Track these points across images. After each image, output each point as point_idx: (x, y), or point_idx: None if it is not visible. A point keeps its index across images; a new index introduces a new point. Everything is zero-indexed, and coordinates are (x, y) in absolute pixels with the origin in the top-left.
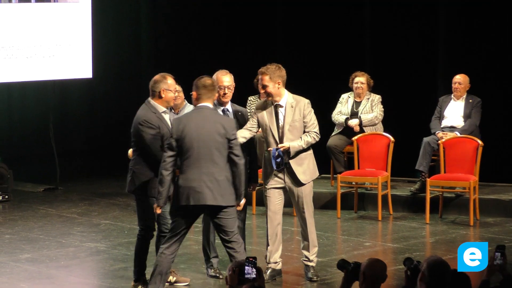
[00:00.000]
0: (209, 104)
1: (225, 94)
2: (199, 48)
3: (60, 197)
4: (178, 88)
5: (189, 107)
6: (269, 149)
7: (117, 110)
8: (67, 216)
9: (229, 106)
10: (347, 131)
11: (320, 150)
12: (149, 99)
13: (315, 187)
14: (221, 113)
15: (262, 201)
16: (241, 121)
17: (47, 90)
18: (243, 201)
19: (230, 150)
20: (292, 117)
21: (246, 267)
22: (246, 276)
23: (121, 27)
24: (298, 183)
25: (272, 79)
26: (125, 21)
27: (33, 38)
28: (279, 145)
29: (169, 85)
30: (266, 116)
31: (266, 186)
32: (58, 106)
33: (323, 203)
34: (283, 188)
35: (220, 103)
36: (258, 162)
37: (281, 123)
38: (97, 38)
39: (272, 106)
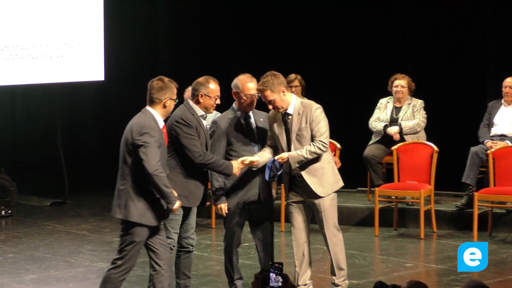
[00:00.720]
0: (150, 108)
1: (252, 103)
2: (222, 49)
3: (69, 212)
4: None
5: (211, 116)
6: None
7: (132, 116)
8: (76, 233)
9: (251, 113)
10: (386, 140)
11: (357, 160)
12: (188, 100)
13: (350, 202)
14: (242, 121)
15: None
16: (264, 128)
17: (54, 94)
18: (176, 205)
19: (137, 154)
20: (298, 125)
21: (271, 274)
22: (271, 284)
23: (136, 24)
24: (315, 196)
25: (274, 91)
26: (141, 18)
27: (39, 37)
28: (276, 156)
29: (209, 91)
30: (276, 127)
31: (287, 201)
32: (67, 112)
33: (360, 219)
34: (304, 202)
35: (242, 110)
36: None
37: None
38: (110, 37)
39: (281, 116)
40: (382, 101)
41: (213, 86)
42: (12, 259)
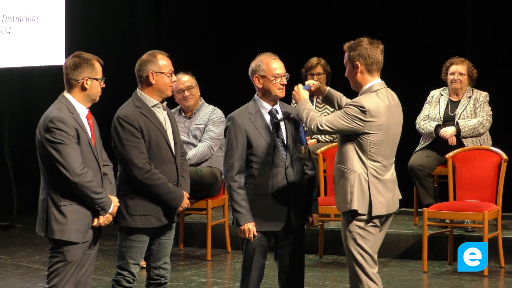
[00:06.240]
0: (68, 94)
1: (283, 85)
2: (222, 29)
3: (18, 239)
4: (189, 82)
5: (206, 108)
6: None
7: (101, 111)
8: (28, 267)
9: (278, 106)
10: (439, 145)
11: (399, 172)
12: (137, 89)
13: (391, 227)
14: (267, 116)
15: None
16: (295, 126)
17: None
18: (112, 208)
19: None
20: None
21: None
22: None
23: None
24: None
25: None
26: None
27: None
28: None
29: (160, 67)
30: None
31: None
32: (17, 107)
33: (403, 250)
34: None
35: (269, 99)
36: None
37: None
38: (73, 10)
39: None
40: (434, 93)
41: (164, 61)
42: None
